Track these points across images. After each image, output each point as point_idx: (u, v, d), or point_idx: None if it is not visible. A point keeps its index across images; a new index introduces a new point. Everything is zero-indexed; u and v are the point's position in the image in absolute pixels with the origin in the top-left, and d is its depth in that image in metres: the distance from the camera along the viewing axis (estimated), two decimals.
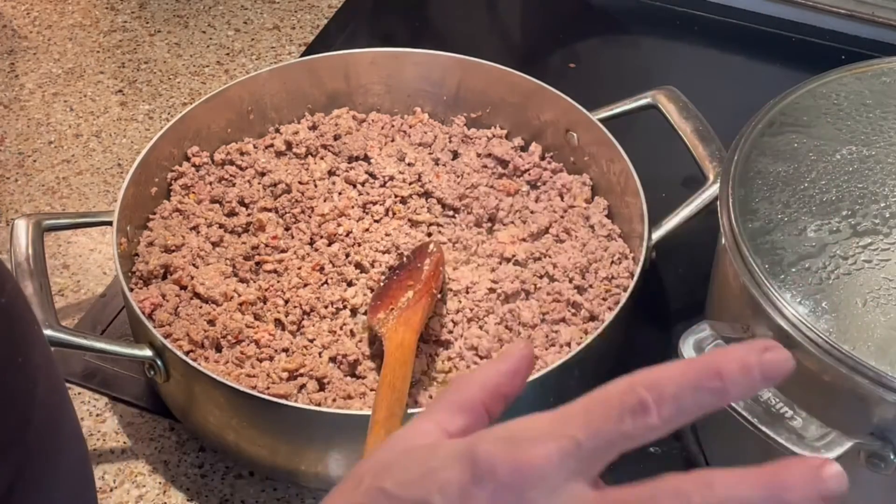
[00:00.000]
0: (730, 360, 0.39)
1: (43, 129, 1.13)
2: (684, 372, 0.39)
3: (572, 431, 0.39)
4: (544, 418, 0.40)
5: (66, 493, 0.48)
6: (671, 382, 0.39)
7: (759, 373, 0.39)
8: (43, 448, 0.46)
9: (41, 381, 0.45)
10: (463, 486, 0.40)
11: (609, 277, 0.89)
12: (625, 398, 0.39)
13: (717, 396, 0.39)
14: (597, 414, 0.39)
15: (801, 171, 0.77)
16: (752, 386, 0.39)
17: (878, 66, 0.85)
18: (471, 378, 0.45)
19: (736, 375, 0.39)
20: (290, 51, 1.21)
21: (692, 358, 0.40)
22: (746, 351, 0.39)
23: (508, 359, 0.45)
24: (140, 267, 0.90)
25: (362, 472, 0.43)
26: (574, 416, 0.40)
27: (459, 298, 0.88)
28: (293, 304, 0.87)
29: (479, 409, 0.44)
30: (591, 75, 1.18)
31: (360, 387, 0.82)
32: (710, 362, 0.39)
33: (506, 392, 0.45)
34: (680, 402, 0.39)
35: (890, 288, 0.69)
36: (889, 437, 0.66)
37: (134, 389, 0.90)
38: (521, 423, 0.41)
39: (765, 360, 0.39)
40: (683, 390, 0.39)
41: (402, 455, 0.43)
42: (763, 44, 1.20)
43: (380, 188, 0.97)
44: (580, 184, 0.97)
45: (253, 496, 0.83)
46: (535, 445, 0.39)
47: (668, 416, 0.39)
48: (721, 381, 0.39)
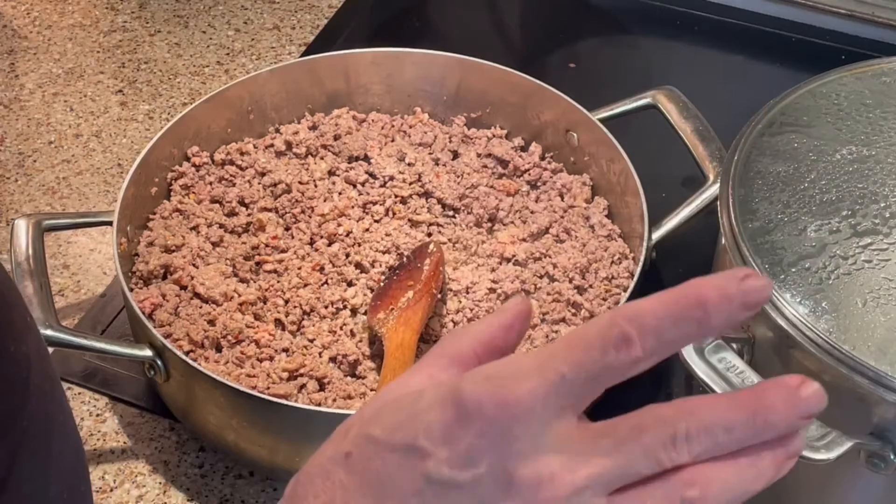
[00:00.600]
0: (709, 288, 0.39)
1: (43, 129, 1.13)
2: (665, 303, 0.39)
3: (557, 366, 0.39)
4: (528, 356, 0.40)
5: (60, 482, 0.48)
6: (652, 314, 0.39)
7: (740, 300, 0.39)
8: (36, 436, 0.46)
9: (34, 370, 0.45)
10: (447, 425, 0.40)
11: (609, 277, 0.89)
12: (607, 332, 0.39)
13: (698, 326, 0.39)
14: (580, 349, 0.39)
15: (801, 171, 0.77)
16: (732, 314, 0.39)
17: (878, 66, 0.85)
18: (464, 331, 0.45)
19: (716, 304, 0.39)
20: (290, 51, 1.21)
21: (670, 290, 0.40)
22: (725, 279, 0.39)
23: (504, 313, 0.45)
24: (140, 267, 0.90)
25: (351, 423, 0.44)
26: (557, 353, 0.40)
27: (459, 298, 0.88)
28: (293, 304, 0.87)
29: (472, 361, 0.44)
30: (591, 75, 1.18)
31: (360, 387, 0.82)
32: (690, 292, 0.39)
33: (500, 345, 0.44)
34: (663, 333, 0.39)
35: (890, 288, 0.69)
36: (889, 437, 0.66)
37: (134, 389, 0.90)
38: (505, 361, 0.41)
39: (744, 287, 0.39)
40: (665, 321, 0.39)
41: (389, 402, 0.43)
42: (763, 44, 1.20)
43: (380, 188, 0.97)
44: (580, 184, 0.97)
45: (253, 496, 0.83)
46: (520, 382, 0.39)
47: (651, 347, 0.39)
48: (702, 311, 0.39)
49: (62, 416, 0.49)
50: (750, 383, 0.66)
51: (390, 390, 0.44)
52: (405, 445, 0.41)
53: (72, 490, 0.50)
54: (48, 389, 0.47)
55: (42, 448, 0.46)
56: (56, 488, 0.48)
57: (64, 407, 0.50)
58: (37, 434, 0.46)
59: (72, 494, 0.50)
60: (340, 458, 0.43)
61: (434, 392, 0.41)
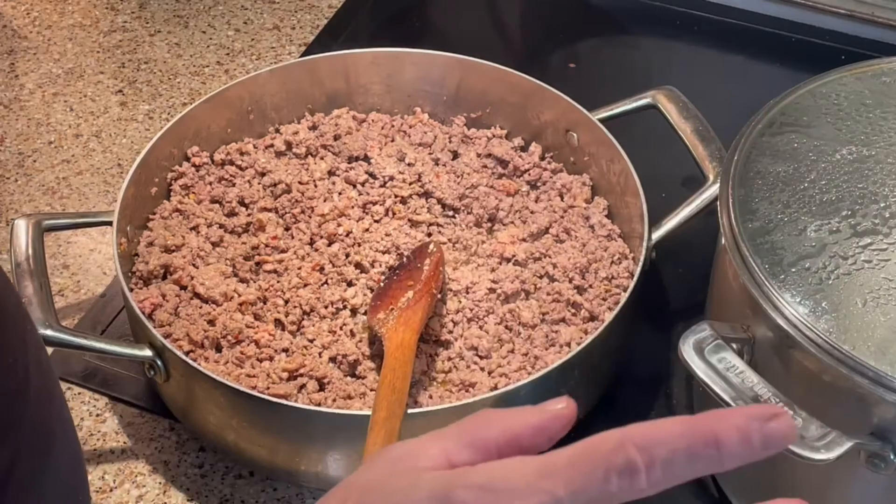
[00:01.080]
0: (729, 427, 0.37)
1: (43, 129, 1.13)
2: (680, 435, 0.38)
3: (553, 487, 0.38)
4: (527, 468, 0.39)
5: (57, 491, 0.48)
6: (664, 445, 0.37)
7: (760, 444, 0.37)
8: (34, 447, 0.45)
9: (32, 381, 0.45)
10: None
11: (609, 277, 0.89)
12: (613, 456, 0.38)
13: (710, 464, 0.38)
14: (582, 470, 0.38)
15: (801, 171, 0.77)
16: (749, 456, 0.38)
17: (878, 66, 0.85)
18: (495, 417, 0.43)
19: (734, 445, 0.37)
20: (290, 51, 1.21)
21: (689, 418, 0.38)
22: (748, 419, 0.38)
23: (542, 413, 0.43)
24: (140, 267, 0.90)
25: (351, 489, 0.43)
26: (558, 471, 0.38)
27: (459, 298, 0.88)
28: (293, 304, 0.87)
29: (492, 450, 0.42)
30: (591, 75, 1.18)
31: (360, 387, 0.82)
32: (709, 427, 0.38)
33: (525, 445, 0.42)
34: (671, 468, 0.37)
35: (890, 288, 0.69)
36: (889, 437, 0.66)
37: (134, 389, 0.90)
38: (503, 469, 0.40)
39: (767, 431, 0.37)
40: (676, 454, 0.37)
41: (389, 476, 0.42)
42: (763, 44, 1.20)
43: (380, 188, 0.97)
44: (580, 184, 0.97)
45: (253, 496, 0.83)
46: (512, 500, 0.38)
47: (656, 480, 0.37)
48: (717, 450, 0.37)
49: (61, 426, 0.49)
50: (750, 383, 0.66)
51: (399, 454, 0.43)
52: None
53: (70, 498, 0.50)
54: (46, 400, 0.47)
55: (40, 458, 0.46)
56: (53, 498, 0.48)
57: (63, 416, 0.50)
58: (34, 444, 0.46)
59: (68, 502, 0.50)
60: None
61: (429, 485, 0.40)
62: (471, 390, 0.82)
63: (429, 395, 0.82)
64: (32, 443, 0.45)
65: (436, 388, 0.83)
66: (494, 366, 0.83)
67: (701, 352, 0.69)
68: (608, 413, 0.84)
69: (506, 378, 0.82)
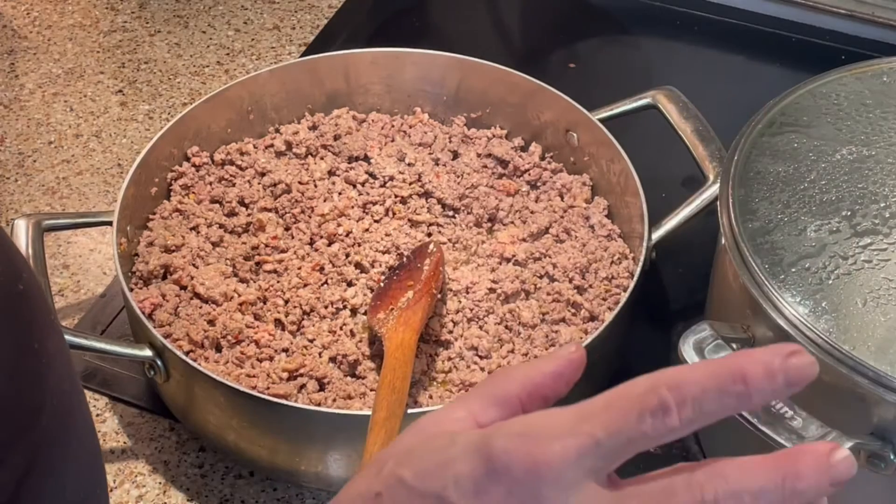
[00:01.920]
0: (754, 362, 0.38)
1: (43, 129, 1.13)
2: (708, 374, 0.39)
3: (591, 429, 0.39)
4: (563, 414, 0.40)
5: (77, 482, 0.48)
6: (694, 384, 0.38)
7: (784, 378, 0.38)
8: (56, 434, 0.46)
9: (55, 368, 0.46)
10: (477, 480, 0.40)
11: (609, 277, 0.89)
12: (646, 398, 0.39)
13: (740, 400, 0.39)
14: (617, 412, 0.39)
15: (801, 171, 0.77)
16: (776, 391, 0.38)
17: (878, 66, 0.85)
18: (512, 372, 0.44)
19: (760, 380, 0.38)
20: (290, 51, 1.21)
21: (715, 360, 0.39)
22: (771, 354, 0.38)
23: (555, 359, 0.44)
24: (140, 267, 0.90)
25: (386, 457, 0.43)
26: (594, 414, 0.39)
27: (459, 298, 0.88)
28: (293, 304, 0.87)
29: (515, 404, 0.43)
30: (591, 75, 1.18)
31: (360, 387, 0.82)
32: (735, 365, 0.39)
33: (546, 394, 0.44)
34: (702, 405, 0.38)
35: (890, 288, 0.69)
36: (889, 437, 0.66)
37: (134, 389, 0.90)
38: (540, 417, 0.41)
39: (789, 365, 0.38)
40: (706, 393, 0.38)
41: (423, 441, 0.43)
42: (763, 44, 1.20)
43: (380, 188, 0.97)
44: (580, 184, 0.97)
45: (253, 496, 0.83)
46: (553, 442, 0.39)
47: (689, 418, 0.38)
48: (745, 386, 0.38)
49: (81, 417, 0.49)
50: None
51: (428, 422, 0.44)
52: (434, 494, 0.41)
53: (89, 490, 0.50)
54: (69, 389, 0.48)
55: (61, 446, 0.46)
56: (73, 488, 0.48)
57: (83, 407, 0.50)
58: (56, 432, 0.46)
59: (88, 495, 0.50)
60: (371, 497, 0.43)
61: (466, 441, 0.41)
62: (471, 390, 0.81)
63: (429, 395, 0.82)
64: (54, 431, 0.46)
65: (436, 388, 0.83)
66: (494, 366, 0.83)
67: (701, 352, 0.69)
68: None
69: None
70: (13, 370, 0.43)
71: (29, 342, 0.44)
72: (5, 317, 0.43)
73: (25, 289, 0.45)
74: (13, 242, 0.47)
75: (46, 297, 0.49)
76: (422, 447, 0.42)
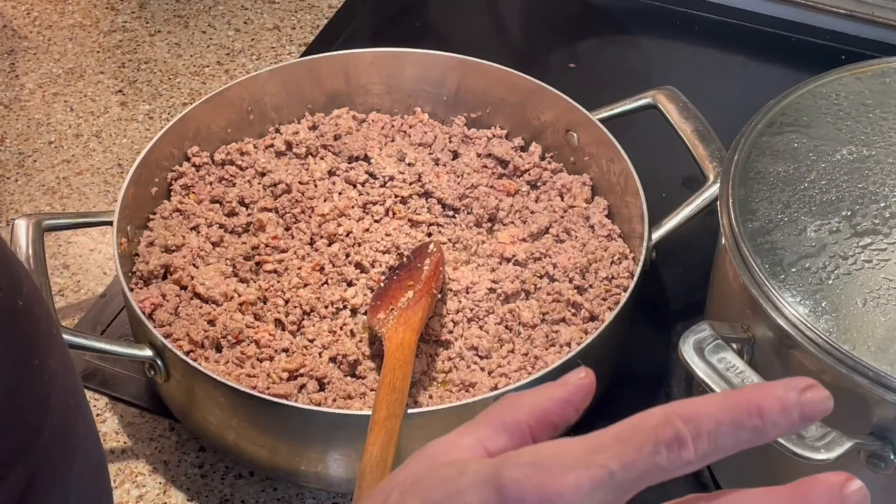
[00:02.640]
0: (770, 398, 0.38)
1: (43, 129, 1.13)
2: (723, 407, 0.38)
3: (605, 461, 0.38)
4: (575, 444, 0.39)
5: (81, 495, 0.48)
6: (709, 418, 0.38)
7: (799, 413, 0.38)
8: (58, 452, 0.45)
9: (57, 384, 0.45)
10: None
11: (609, 277, 0.89)
12: (661, 431, 0.38)
13: (756, 434, 0.38)
14: (631, 444, 0.38)
15: (801, 171, 0.77)
16: (791, 426, 0.38)
17: (878, 66, 0.85)
18: (522, 399, 0.44)
19: (776, 415, 0.38)
20: (290, 51, 1.21)
21: (729, 393, 0.39)
22: (786, 389, 0.38)
23: (563, 386, 0.43)
24: (140, 267, 0.90)
25: (392, 486, 0.42)
26: (607, 445, 0.39)
27: (459, 298, 0.88)
28: (293, 304, 0.87)
29: (524, 431, 0.43)
30: (591, 75, 1.18)
31: (360, 387, 0.82)
32: (751, 399, 0.38)
33: (555, 420, 0.43)
34: (717, 439, 0.38)
35: (890, 288, 0.69)
36: (889, 437, 0.66)
37: (134, 389, 0.90)
38: (551, 447, 0.40)
39: (805, 400, 0.38)
40: (722, 427, 0.38)
41: (430, 470, 0.42)
42: (763, 44, 1.20)
43: (380, 188, 0.97)
44: (580, 184, 0.97)
45: (253, 496, 0.83)
46: (566, 473, 0.38)
47: (704, 452, 0.38)
48: (761, 420, 0.38)
49: (84, 430, 0.49)
50: (750, 383, 0.66)
51: (436, 449, 0.43)
52: None
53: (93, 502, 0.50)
54: (72, 404, 0.47)
55: (63, 463, 0.46)
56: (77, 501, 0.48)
57: (87, 420, 0.50)
58: (58, 448, 0.46)
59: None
60: None
61: (475, 470, 0.40)
62: (471, 390, 0.82)
63: (429, 395, 0.82)
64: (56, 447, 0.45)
65: (436, 388, 0.83)
66: (494, 366, 0.83)
67: (701, 352, 0.69)
68: (608, 413, 0.83)
69: (506, 378, 0.82)
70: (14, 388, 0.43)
71: (30, 360, 0.44)
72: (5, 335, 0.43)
73: (26, 305, 0.44)
74: (14, 254, 0.47)
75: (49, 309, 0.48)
76: (430, 476, 0.41)
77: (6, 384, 0.42)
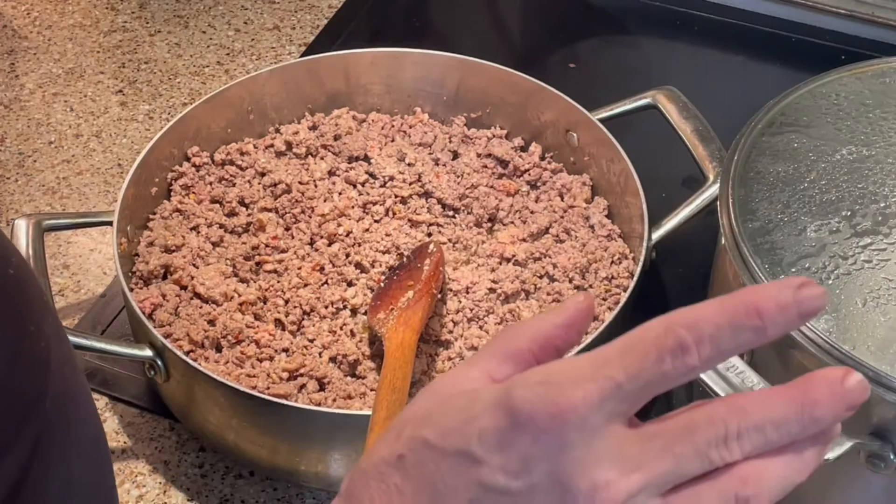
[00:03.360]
0: (766, 297, 0.39)
1: (43, 129, 1.13)
2: (722, 311, 0.39)
3: (611, 373, 0.39)
4: (581, 360, 0.40)
5: (82, 462, 0.48)
6: (709, 322, 0.39)
7: (796, 310, 0.39)
8: (60, 418, 0.46)
9: (54, 351, 0.46)
10: (500, 431, 0.39)
11: (609, 277, 0.89)
12: (663, 339, 0.39)
13: (755, 335, 0.39)
14: (636, 355, 0.39)
15: (801, 171, 0.77)
16: (789, 323, 0.39)
17: (878, 66, 0.85)
18: (522, 327, 0.44)
19: (774, 313, 0.39)
20: (290, 51, 1.21)
21: (725, 296, 0.39)
22: (780, 288, 0.39)
23: (564, 311, 0.44)
24: (140, 267, 0.90)
25: (404, 421, 0.43)
26: (612, 358, 0.39)
27: (459, 298, 0.88)
28: (293, 304, 0.87)
29: (529, 358, 0.43)
30: (591, 75, 1.18)
31: (360, 387, 0.82)
32: (747, 301, 0.39)
33: (558, 345, 0.44)
34: (719, 342, 0.39)
35: (890, 288, 0.69)
36: (889, 437, 0.66)
37: (134, 389, 0.90)
38: (558, 365, 0.40)
39: (800, 297, 0.39)
40: (722, 330, 0.39)
41: (442, 403, 0.42)
42: (763, 44, 1.20)
43: (380, 188, 0.97)
44: (580, 184, 0.97)
45: (253, 496, 0.83)
46: (574, 388, 0.39)
47: (707, 356, 0.39)
48: (760, 320, 0.39)
49: (83, 398, 0.49)
50: (750, 383, 0.66)
51: (443, 384, 0.44)
52: (458, 451, 0.40)
53: (95, 471, 0.50)
54: (69, 372, 0.47)
55: (65, 429, 0.46)
56: (79, 469, 0.48)
57: (84, 388, 0.50)
58: (60, 415, 0.46)
59: (95, 476, 0.50)
60: (394, 460, 0.42)
61: (486, 396, 0.41)
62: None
63: None
64: (58, 413, 0.45)
65: None
66: None
67: None
68: None
69: None
70: (14, 356, 0.43)
71: (26, 326, 0.44)
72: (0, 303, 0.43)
73: (16, 272, 0.45)
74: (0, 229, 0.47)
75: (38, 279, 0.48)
76: (441, 408, 0.42)
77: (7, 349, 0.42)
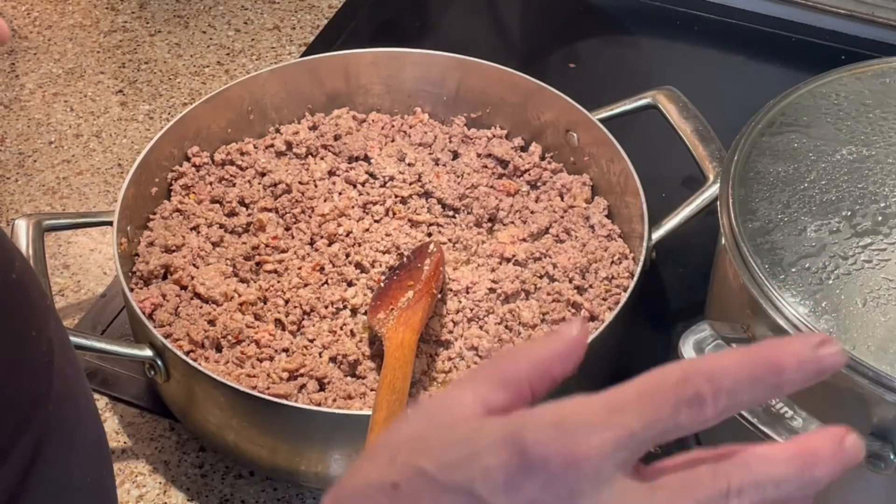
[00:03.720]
0: (786, 353, 0.38)
1: (43, 129, 1.13)
2: (742, 364, 0.39)
3: (627, 421, 0.38)
4: (595, 403, 0.39)
5: (83, 465, 0.48)
6: (728, 375, 0.38)
7: (815, 368, 0.38)
8: (61, 421, 0.46)
9: (56, 354, 0.46)
10: (509, 473, 0.38)
11: (609, 277, 0.89)
12: (681, 389, 0.38)
13: (771, 390, 0.39)
14: (652, 403, 0.38)
15: (801, 171, 0.77)
16: (806, 381, 0.39)
17: (878, 66, 0.85)
18: (519, 353, 0.43)
19: (792, 370, 0.38)
20: (290, 51, 1.21)
21: (745, 350, 0.39)
22: (801, 345, 0.39)
23: (561, 339, 0.43)
24: (140, 267, 0.90)
25: (397, 445, 0.41)
26: (627, 404, 0.39)
27: (459, 298, 0.88)
28: (293, 304, 0.87)
29: (524, 386, 0.42)
30: (591, 75, 1.18)
31: (360, 387, 0.82)
32: (768, 356, 0.39)
33: (554, 374, 0.42)
34: (736, 396, 0.38)
35: (890, 288, 0.69)
36: (889, 437, 0.66)
37: (134, 389, 0.90)
38: (571, 407, 0.39)
39: (820, 356, 0.38)
40: (740, 384, 0.38)
41: (441, 430, 0.41)
42: (763, 44, 1.20)
43: (380, 188, 0.97)
44: (580, 184, 0.97)
45: (253, 496, 0.83)
46: (589, 435, 0.38)
47: (723, 408, 0.38)
48: (778, 377, 0.38)
49: (85, 401, 0.49)
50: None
51: (437, 407, 0.42)
52: (461, 488, 0.39)
53: (95, 474, 0.50)
54: (71, 374, 0.47)
55: (66, 432, 0.46)
56: (79, 472, 0.48)
57: (86, 391, 0.50)
58: (61, 418, 0.46)
59: (95, 478, 0.50)
60: (387, 487, 0.40)
61: (492, 430, 0.39)
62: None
63: (429, 395, 0.82)
64: (59, 417, 0.45)
65: (436, 388, 0.83)
66: None
67: (701, 352, 0.69)
68: None
69: None
70: (17, 360, 0.43)
71: (29, 330, 0.44)
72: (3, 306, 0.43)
73: (19, 277, 0.45)
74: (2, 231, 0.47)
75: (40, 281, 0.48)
76: (440, 435, 0.40)
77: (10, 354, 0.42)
